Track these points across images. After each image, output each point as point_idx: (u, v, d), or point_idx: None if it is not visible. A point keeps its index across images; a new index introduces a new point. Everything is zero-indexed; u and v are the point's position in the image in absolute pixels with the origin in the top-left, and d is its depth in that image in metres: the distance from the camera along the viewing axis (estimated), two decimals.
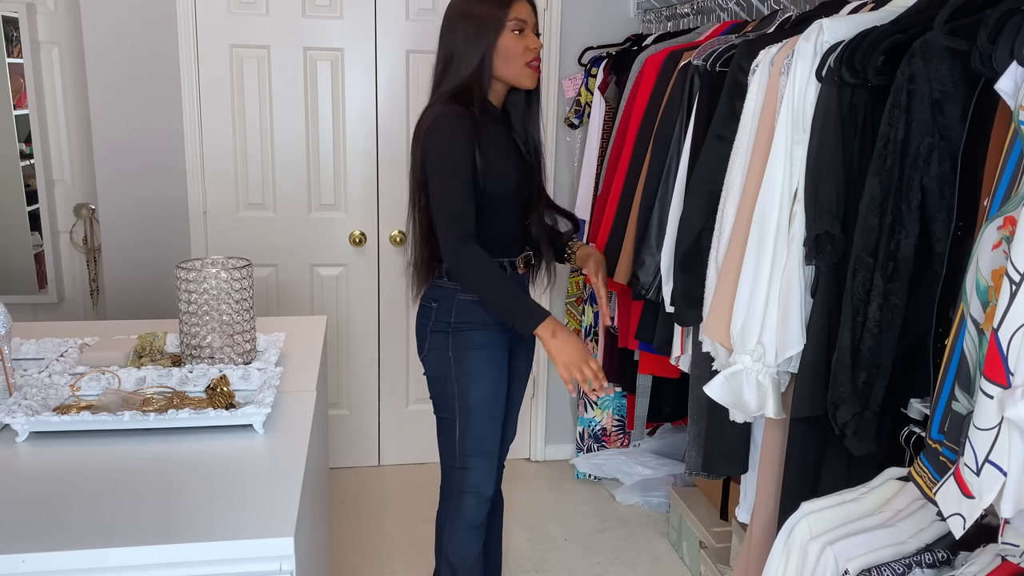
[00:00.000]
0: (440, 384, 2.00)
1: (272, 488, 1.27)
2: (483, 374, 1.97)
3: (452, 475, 2.06)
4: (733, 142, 1.72)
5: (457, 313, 1.96)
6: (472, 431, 1.98)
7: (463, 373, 1.96)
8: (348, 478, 3.31)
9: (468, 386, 1.97)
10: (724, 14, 2.61)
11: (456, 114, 1.86)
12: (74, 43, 3.07)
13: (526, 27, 1.89)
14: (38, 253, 3.23)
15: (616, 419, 3.28)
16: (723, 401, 1.63)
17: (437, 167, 1.86)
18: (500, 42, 1.87)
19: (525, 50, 1.88)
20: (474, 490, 2.03)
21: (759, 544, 1.75)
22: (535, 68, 1.92)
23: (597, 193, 2.80)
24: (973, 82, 1.23)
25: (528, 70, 1.91)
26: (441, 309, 1.97)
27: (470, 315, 1.95)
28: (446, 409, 2.01)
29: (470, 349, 1.96)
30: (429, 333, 1.99)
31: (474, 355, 1.96)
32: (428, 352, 2.01)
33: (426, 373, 2.04)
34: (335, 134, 3.16)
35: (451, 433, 2.01)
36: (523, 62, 1.89)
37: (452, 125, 1.85)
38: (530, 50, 1.89)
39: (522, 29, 1.88)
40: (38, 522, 1.15)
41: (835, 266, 1.48)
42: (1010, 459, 0.97)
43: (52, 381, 1.58)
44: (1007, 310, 0.95)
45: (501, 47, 1.87)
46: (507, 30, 1.87)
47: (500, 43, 1.87)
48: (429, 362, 2.01)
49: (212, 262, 1.79)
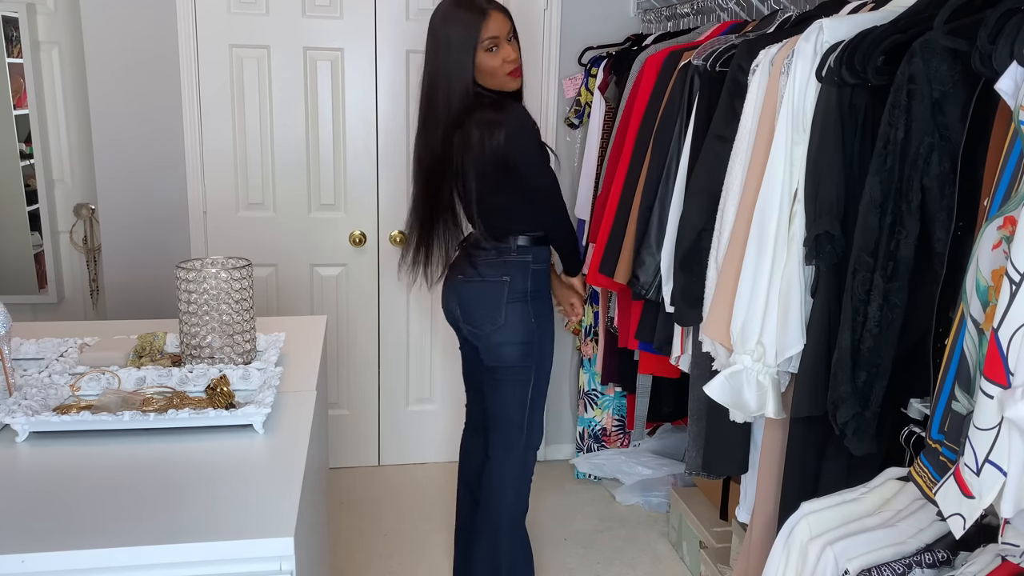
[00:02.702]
0: (522, 348, 2.23)
1: (272, 488, 1.27)
2: (552, 334, 2.30)
3: (514, 434, 2.28)
4: (733, 142, 1.72)
5: (533, 282, 2.22)
6: (544, 387, 2.29)
7: (544, 335, 2.26)
8: (348, 478, 3.31)
9: (547, 346, 2.28)
10: (724, 14, 2.61)
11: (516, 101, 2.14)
12: (74, 43, 3.07)
13: (499, 41, 2.05)
14: (38, 253, 3.23)
15: (616, 419, 3.28)
16: (723, 401, 1.63)
17: (533, 149, 2.14)
18: (478, 62, 2.05)
19: (503, 63, 2.07)
20: (535, 445, 2.32)
21: (759, 544, 1.75)
22: (515, 74, 2.11)
23: (597, 193, 2.80)
24: (973, 82, 1.23)
25: (509, 78, 2.10)
26: (516, 281, 2.20)
27: (543, 283, 2.26)
28: (522, 371, 2.24)
29: (547, 314, 2.27)
30: (505, 305, 2.20)
31: (549, 319, 2.27)
32: (506, 322, 2.20)
33: (500, 343, 2.23)
34: (335, 134, 3.16)
35: (524, 390, 2.26)
36: (503, 73, 2.08)
37: (523, 111, 2.13)
38: (507, 62, 2.07)
39: (496, 45, 2.05)
40: (38, 522, 1.15)
41: (835, 266, 1.48)
42: (1010, 459, 0.97)
43: (52, 381, 1.57)
44: (1007, 310, 0.95)
45: (480, 66, 2.06)
46: (481, 50, 2.04)
47: (478, 63, 2.05)
48: (507, 332, 2.21)
49: (212, 262, 1.79)
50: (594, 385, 3.24)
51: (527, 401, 2.26)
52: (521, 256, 2.21)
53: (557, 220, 2.23)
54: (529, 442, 2.30)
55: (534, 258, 2.22)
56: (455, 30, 2.03)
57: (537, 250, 2.23)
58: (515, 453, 2.29)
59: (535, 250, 2.22)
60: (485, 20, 2.02)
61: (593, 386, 3.25)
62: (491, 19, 2.03)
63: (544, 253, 2.25)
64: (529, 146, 2.12)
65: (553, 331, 2.30)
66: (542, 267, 2.25)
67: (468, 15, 2.03)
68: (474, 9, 2.04)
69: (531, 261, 2.21)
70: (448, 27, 2.04)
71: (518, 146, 2.08)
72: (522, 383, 2.25)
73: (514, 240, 2.20)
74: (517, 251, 2.21)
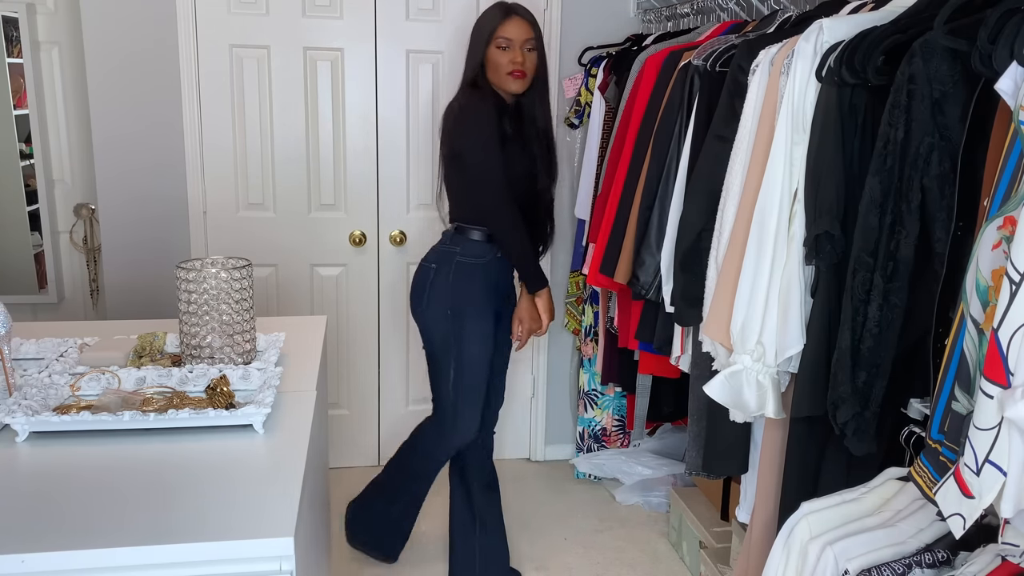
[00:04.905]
0: (439, 338, 2.35)
1: (272, 488, 1.27)
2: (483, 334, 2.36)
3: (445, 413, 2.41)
4: (733, 142, 1.72)
5: (457, 274, 2.31)
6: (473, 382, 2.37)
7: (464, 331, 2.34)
8: (348, 478, 3.31)
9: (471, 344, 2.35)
10: (724, 14, 2.61)
11: (479, 96, 2.27)
12: (74, 43, 3.07)
13: (512, 44, 2.26)
14: (38, 253, 3.23)
15: (616, 419, 3.28)
16: (723, 401, 1.63)
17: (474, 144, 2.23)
18: (488, 55, 2.28)
19: (508, 63, 2.26)
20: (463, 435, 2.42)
21: (759, 544, 1.75)
22: (517, 76, 2.27)
23: (597, 193, 2.80)
24: (973, 82, 1.23)
25: (510, 78, 2.27)
26: (441, 270, 2.32)
27: (471, 279, 2.32)
28: (443, 359, 2.35)
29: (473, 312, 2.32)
30: (427, 291, 2.33)
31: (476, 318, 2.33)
32: (426, 308, 2.36)
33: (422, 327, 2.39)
34: (335, 134, 3.16)
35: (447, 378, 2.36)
36: (505, 72, 2.27)
37: (482, 105, 2.24)
38: (512, 63, 2.26)
39: (507, 46, 2.26)
40: (38, 522, 1.15)
41: (835, 266, 1.48)
42: (1010, 459, 0.97)
43: (52, 381, 1.57)
44: (1007, 310, 0.95)
45: (489, 59, 2.29)
46: (493, 45, 2.27)
47: (488, 55, 2.28)
48: (426, 318, 2.37)
49: (212, 262, 1.79)
50: (594, 385, 3.24)
51: (451, 390, 2.35)
52: (451, 247, 2.33)
53: (496, 222, 2.25)
54: (456, 429, 2.38)
55: (462, 250, 2.31)
56: (481, 21, 2.32)
57: (471, 244, 2.31)
58: (441, 431, 2.41)
59: (469, 243, 2.31)
60: (505, 20, 2.27)
61: (593, 386, 3.25)
62: (511, 22, 2.27)
63: (477, 248, 2.31)
64: (476, 137, 2.21)
65: (485, 332, 2.32)
66: (471, 261, 2.30)
67: (494, 12, 2.31)
68: (500, 9, 2.31)
69: (458, 253, 2.31)
70: (479, 19, 2.34)
71: (464, 133, 2.24)
72: (444, 371, 2.35)
73: (462, 230, 2.33)
74: (451, 240, 2.34)
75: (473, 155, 2.23)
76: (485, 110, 2.22)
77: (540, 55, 2.33)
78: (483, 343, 2.33)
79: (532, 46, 2.29)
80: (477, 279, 2.31)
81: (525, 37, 2.27)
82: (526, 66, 2.27)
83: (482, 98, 2.25)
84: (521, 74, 2.26)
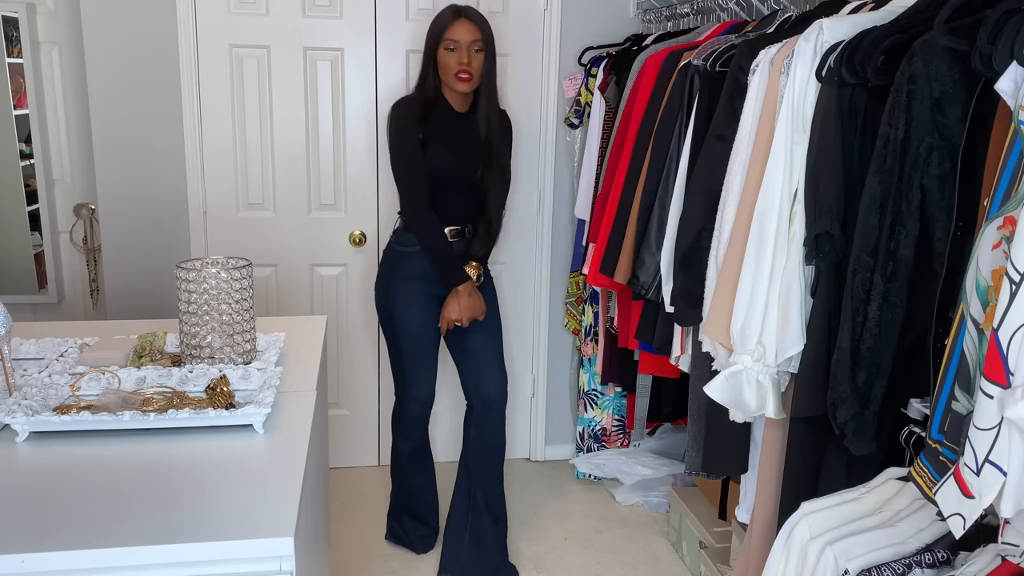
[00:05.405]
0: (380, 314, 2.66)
1: (272, 488, 1.27)
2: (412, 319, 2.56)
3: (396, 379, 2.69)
4: (733, 142, 1.72)
5: (391, 260, 2.56)
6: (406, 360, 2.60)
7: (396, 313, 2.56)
8: (348, 478, 3.31)
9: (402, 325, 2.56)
10: (724, 14, 2.61)
11: (408, 98, 2.48)
12: (74, 43, 3.07)
13: (459, 46, 2.37)
14: (38, 253, 3.23)
15: (616, 419, 3.28)
16: (723, 401, 1.63)
17: (392, 142, 2.46)
18: (438, 56, 2.41)
19: (455, 63, 2.38)
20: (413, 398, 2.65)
21: (759, 544, 1.75)
22: (463, 79, 2.38)
23: (597, 193, 2.80)
24: (973, 82, 1.23)
25: (456, 79, 2.39)
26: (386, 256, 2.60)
27: (404, 266, 2.52)
28: (385, 333, 2.64)
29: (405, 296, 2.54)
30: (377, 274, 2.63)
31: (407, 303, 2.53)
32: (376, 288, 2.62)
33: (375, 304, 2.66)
34: (335, 134, 3.16)
35: (391, 349, 2.65)
36: (452, 73, 2.39)
37: (401, 107, 2.45)
38: (459, 64, 2.37)
39: (455, 47, 2.37)
40: (38, 522, 1.15)
41: (835, 266, 1.48)
42: (1010, 459, 0.97)
43: (52, 381, 1.57)
44: (1007, 310, 0.95)
45: (439, 60, 2.42)
46: (442, 47, 2.39)
47: (438, 57, 2.41)
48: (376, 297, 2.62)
49: (212, 262, 1.79)
50: (594, 385, 3.24)
51: (393, 360, 2.65)
52: (392, 236, 2.58)
53: (407, 216, 2.49)
54: (402, 390, 2.65)
55: (396, 240, 2.56)
56: (433, 23, 2.44)
57: (402, 234, 2.53)
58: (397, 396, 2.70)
59: (401, 234, 2.54)
60: (454, 23, 2.38)
61: (593, 386, 3.25)
62: (459, 24, 2.38)
63: (406, 238, 2.51)
64: (391, 135, 2.46)
65: (414, 317, 2.51)
66: (401, 249, 2.52)
67: (444, 14, 2.42)
68: (450, 11, 2.42)
69: (394, 242, 2.56)
70: (432, 21, 2.45)
71: (388, 131, 2.49)
72: (389, 348, 2.66)
73: (400, 221, 2.56)
74: (393, 232, 2.59)
75: (391, 152, 2.46)
76: (405, 108, 2.43)
77: (489, 56, 2.42)
78: (410, 324, 2.52)
79: (479, 47, 2.39)
80: (407, 265, 2.50)
81: (472, 39, 2.37)
82: (472, 67, 2.38)
83: (411, 98, 2.46)
84: (468, 75, 2.38)
